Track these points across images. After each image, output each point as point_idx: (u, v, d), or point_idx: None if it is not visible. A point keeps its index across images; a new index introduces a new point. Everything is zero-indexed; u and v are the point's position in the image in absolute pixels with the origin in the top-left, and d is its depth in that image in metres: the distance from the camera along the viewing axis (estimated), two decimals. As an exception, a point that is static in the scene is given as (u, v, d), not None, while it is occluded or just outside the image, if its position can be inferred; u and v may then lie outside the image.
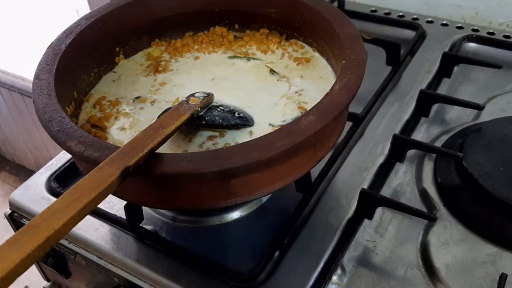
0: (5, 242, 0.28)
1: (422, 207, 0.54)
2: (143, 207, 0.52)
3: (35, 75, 0.48)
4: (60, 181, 0.59)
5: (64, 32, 0.54)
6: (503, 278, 0.44)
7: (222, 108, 0.49)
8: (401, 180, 0.57)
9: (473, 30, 0.80)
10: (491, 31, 0.80)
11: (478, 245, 0.49)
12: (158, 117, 0.49)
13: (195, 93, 0.50)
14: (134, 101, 0.54)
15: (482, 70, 0.72)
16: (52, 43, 0.52)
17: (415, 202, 0.54)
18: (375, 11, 0.88)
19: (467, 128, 0.62)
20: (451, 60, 0.71)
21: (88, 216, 0.54)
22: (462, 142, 0.57)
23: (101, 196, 0.33)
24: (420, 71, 0.71)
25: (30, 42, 1.42)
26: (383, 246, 0.50)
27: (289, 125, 0.40)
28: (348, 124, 0.60)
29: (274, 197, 0.55)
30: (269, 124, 0.49)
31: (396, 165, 0.59)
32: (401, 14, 0.86)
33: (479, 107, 0.63)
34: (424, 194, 0.55)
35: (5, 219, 0.59)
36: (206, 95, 0.50)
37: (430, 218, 0.50)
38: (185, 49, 0.62)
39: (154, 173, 0.37)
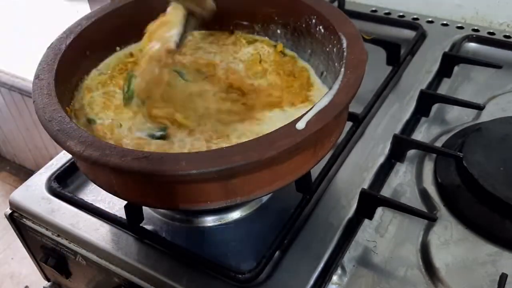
0: None
1: (422, 207, 0.54)
2: (143, 207, 0.52)
3: (35, 75, 0.48)
4: (60, 181, 0.59)
5: (64, 32, 0.54)
6: (503, 278, 0.44)
7: None
8: (401, 180, 0.57)
9: (474, 30, 0.80)
10: (491, 31, 0.80)
11: (478, 245, 0.49)
12: None
13: None
14: None
15: (482, 70, 0.72)
16: (52, 43, 0.52)
17: (415, 202, 0.54)
18: (375, 11, 0.88)
19: (467, 128, 0.62)
20: (451, 60, 0.71)
21: (88, 216, 0.54)
22: (462, 142, 0.57)
23: None
24: (420, 71, 0.71)
25: (30, 42, 1.42)
26: (383, 246, 0.50)
27: (289, 125, 0.40)
28: (348, 124, 0.60)
29: (274, 197, 0.55)
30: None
31: (396, 165, 0.59)
32: (401, 14, 0.86)
33: (479, 107, 0.63)
34: (424, 194, 0.55)
35: (5, 219, 0.59)
36: None
37: (430, 218, 0.50)
38: None
39: (154, 173, 0.37)
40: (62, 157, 0.62)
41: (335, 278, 0.47)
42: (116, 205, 0.56)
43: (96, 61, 0.57)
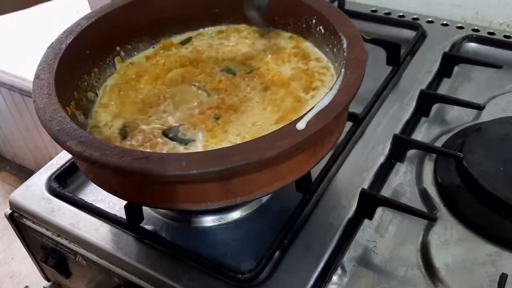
0: None
1: (422, 207, 0.54)
2: (143, 207, 0.52)
3: (35, 75, 0.48)
4: (60, 181, 0.59)
5: (64, 32, 0.54)
6: (503, 278, 0.44)
7: None
8: (401, 180, 0.57)
9: (474, 30, 0.80)
10: (491, 31, 0.80)
11: (478, 245, 0.49)
12: None
13: None
14: None
15: (482, 70, 0.72)
16: (52, 43, 0.52)
17: (415, 202, 0.54)
18: (375, 11, 0.88)
19: (467, 128, 0.62)
20: (451, 60, 0.71)
21: (88, 216, 0.54)
22: (462, 142, 0.57)
23: None
24: (420, 71, 0.71)
25: (30, 42, 1.42)
26: (383, 246, 0.50)
27: (289, 125, 0.40)
28: (348, 124, 0.60)
29: (274, 197, 0.55)
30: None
31: (396, 165, 0.59)
32: (401, 14, 0.86)
33: (479, 107, 0.63)
34: (424, 194, 0.55)
35: (5, 219, 0.59)
36: None
37: (430, 218, 0.50)
38: None
39: (154, 173, 0.37)
40: (62, 157, 0.62)
41: (335, 278, 0.47)
42: (116, 205, 0.56)
43: (96, 61, 0.57)
